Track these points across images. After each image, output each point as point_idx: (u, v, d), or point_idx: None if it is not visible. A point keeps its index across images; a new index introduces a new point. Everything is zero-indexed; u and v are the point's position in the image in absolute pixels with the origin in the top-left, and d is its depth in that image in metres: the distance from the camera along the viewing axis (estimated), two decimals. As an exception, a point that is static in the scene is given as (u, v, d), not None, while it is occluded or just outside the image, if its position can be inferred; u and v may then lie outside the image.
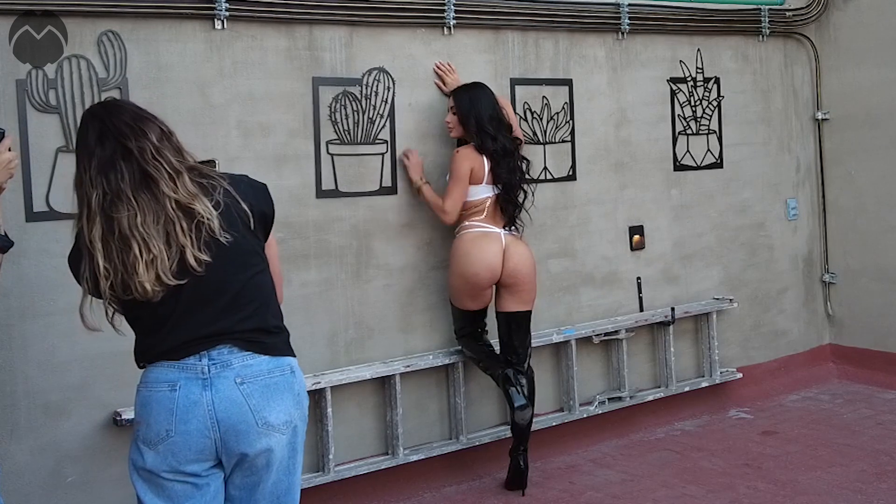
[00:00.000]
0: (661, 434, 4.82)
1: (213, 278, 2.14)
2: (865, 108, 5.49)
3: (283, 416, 2.20)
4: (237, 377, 2.16)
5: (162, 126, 2.22)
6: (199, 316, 2.16)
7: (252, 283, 2.21)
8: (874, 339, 5.55)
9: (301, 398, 2.27)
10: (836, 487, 3.98)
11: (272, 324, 2.26)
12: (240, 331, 2.19)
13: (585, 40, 4.71)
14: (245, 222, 2.20)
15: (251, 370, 2.18)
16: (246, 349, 2.19)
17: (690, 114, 5.14)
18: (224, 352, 2.17)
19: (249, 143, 3.74)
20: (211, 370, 2.15)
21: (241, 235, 2.19)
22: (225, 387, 2.15)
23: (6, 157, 2.42)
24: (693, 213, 5.15)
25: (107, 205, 2.10)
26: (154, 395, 2.16)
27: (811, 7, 5.59)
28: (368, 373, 3.95)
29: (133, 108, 2.24)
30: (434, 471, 4.18)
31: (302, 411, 2.27)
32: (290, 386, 2.23)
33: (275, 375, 2.21)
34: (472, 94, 3.98)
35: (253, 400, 2.16)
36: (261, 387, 2.18)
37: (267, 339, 2.23)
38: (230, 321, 2.18)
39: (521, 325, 4.03)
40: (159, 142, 2.16)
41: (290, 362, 2.27)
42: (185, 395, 2.13)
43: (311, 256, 3.89)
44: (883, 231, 5.46)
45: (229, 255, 2.15)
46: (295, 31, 3.85)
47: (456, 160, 3.95)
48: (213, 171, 2.25)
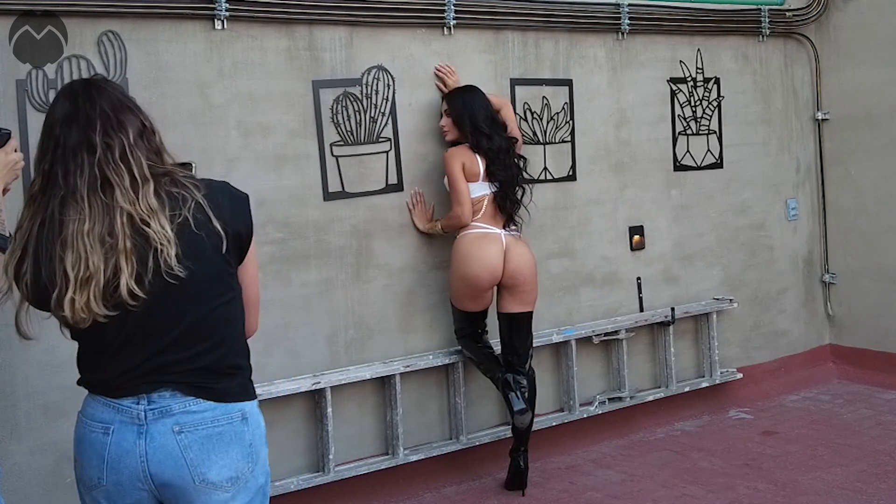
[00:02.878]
0: (661, 434, 4.82)
1: (164, 309, 1.88)
2: (865, 108, 5.49)
3: (226, 472, 1.92)
4: (176, 425, 1.89)
5: (144, 120, 1.96)
6: (143, 349, 1.89)
7: (212, 316, 1.93)
8: (874, 339, 5.55)
9: (254, 449, 1.97)
10: (836, 487, 3.98)
11: (229, 364, 1.97)
12: (185, 371, 1.91)
13: (585, 40, 4.71)
14: (215, 245, 1.90)
15: (192, 418, 1.90)
16: (189, 394, 1.91)
17: (690, 114, 5.14)
18: (165, 395, 1.90)
19: (249, 143, 3.74)
20: (148, 416, 1.89)
21: (207, 261, 1.90)
22: (161, 436, 1.89)
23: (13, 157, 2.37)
24: (693, 214, 5.15)
25: (58, 202, 1.86)
26: (88, 434, 1.95)
27: (811, 7, 5.59)
28: (368, 373, 3.95)
29: (116, 95, 1.96)
30: (434, 471, 4.18)
31: (255, 464, 1.97)
32: (238, 437, 1.94)
33: (220, 425, 1.92)
34: (465, 96, 4.00)
35: (191, 453, 1.89)
36: (201, 438, 1.90)
37: (217, 382, 1.94)
38: (176, 360, 1.91)
39: (523, 326, 4.03)
40: (135, 139, 1.90)
41: (243, 408, 1.97)
42: (117, 443, 1.90)
43: (311, 256, 3.89)
44: (883, 231, 5.46)
45: (186, 285, 1.87)
46: (295, 32, 3.85)
47: (447, 160, 3.97)
48: (190, 178, 1.95)
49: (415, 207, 4.12)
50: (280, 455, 3.81)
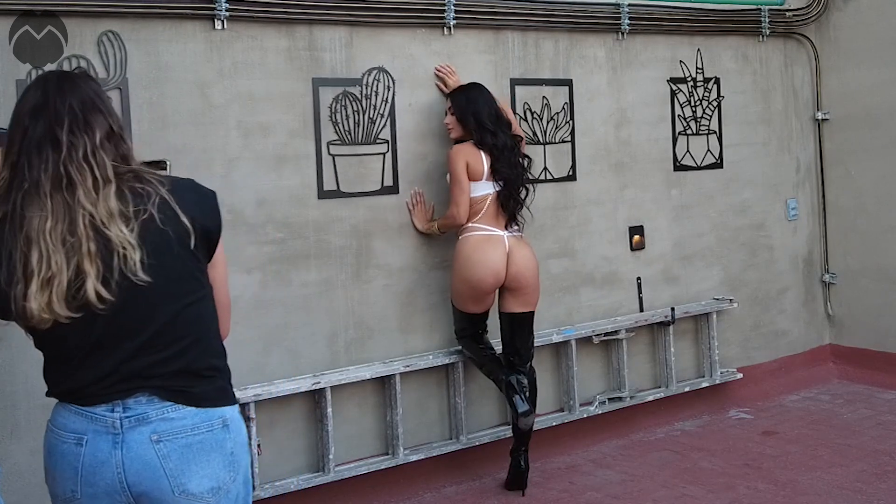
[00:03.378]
0: (661, 434, 4.82)
1: (133, 310, 1.81)
2: (865, 108, 5.49)
3: (207, 483, 1.85)
4: (154, 433, 1.82)
5: (113, 123, 1.90)
6: (113, 353, 1.82)
7: (185, 314, 1.87)
8: (874, 339, 5.55)
9: (236, 458, 1.90)
10: (836, 487, 3.98)
11: (206, 365, 1.91)
12: (161, 375, 1.84)
13: (585, 40, 4.71)
14: (182, 240, 1.84)
15: (171, 425, 1.83)
16: (167, 399, 1.84)
17: (690, 114, 5.14)
18: (142, 401, 1.83)
19: (249, 143, 3.74)
20: (124, 424, 1.81)
21: (174, 258, 1.84)
22: (138, 445, 1.81)
23: None
24: (693, 214, 5.15)
25: (21, 196, 1.79)
26: (59, 445, 1.86)
27: (811, 7, 5.59)
28: (368, 373, 3.95)
29: (89, 93, 1.89)
30: (434, 471, 4.18)
31: (236, 473, 1.91)
32: (219, 445, 1.87)
33: (200, 432, 1.85)
34: (469, 93, 3.99)
35: (170, 463, 1.82)
36: (181, 447, 1.83)
37: (196, 385, 1.88)
38: (151, 362, 1.83)
39: (524, 326, 4.02)
40: (101, 141, 1.85)
41: (224, 414, 1.90)
42: (91, 453, 1.82)
43: (311, 256, 3.89)
44: (883, 231, 5.46)
45: (155, 284, 1.81)
46: (295, 32, 3.85)
47: (451, 158, 3.95)
48: (155, 175, 1.90)
49: (414, 208, 4.12)
50: (280, 455, 3.81)
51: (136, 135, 3.47)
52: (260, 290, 3.76)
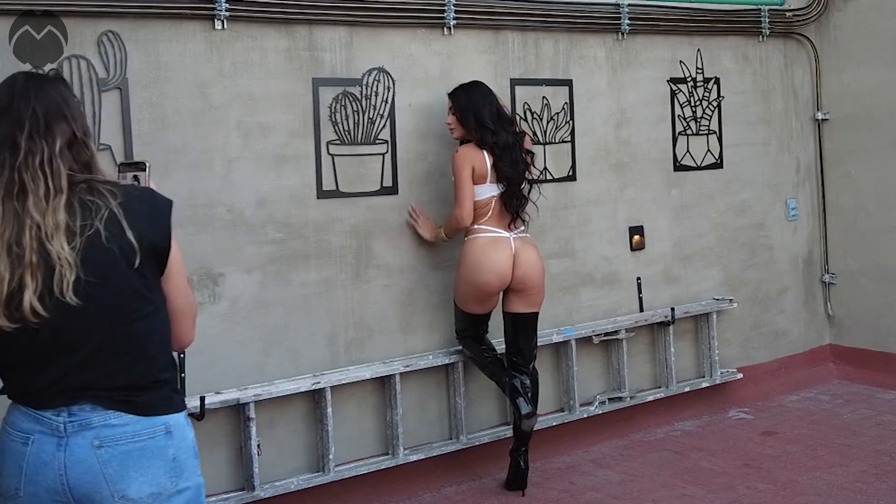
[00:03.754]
0: (661, 434, 4.82)
1: (75, 326, 1.82)
2: (865, 108, 5.49)
3: (147, 489, 1.87)
4: (96, 439, 1.85)
5: (76, 129, 1.88)
6: (58, 365, 1.85)
7: (129, 332, 1.88)
8: (874, 339, 5.55)
9: (179, 463, 1.92)
10: (836, 488, 3.98)
11: (151, 379, 1.91)
12: (104, 387, 1.86)
13: (585, 40, 4.71)
14: (128, 259, 1.83)
15: (112, 432, 1.86)
16: (110, 407, 1.87)
17: (690, 114, 5.14)
18: (86, 408, 1.86)
19: (249, 143, 3.74)
20: (68, 428, 1.85)
21: (119, 276, 1.84)
22: (80, 449, 1.84)
23: None
24: (693, 214, 5.15)
25: None
26: (8, 443, 1.90)
27: (811, 7, 5.59)
28: (368, 373, 3.95)
29: (55, 99, 1.88)
30: (434, 471, 4.18)
31: (178, 478, 1.92)
32: (160, 451, 1.89)
33: (141, 439, 1.88)
34: (469, 92, 3.97)
35: (110, 469, 1.85)
36: (121, 453, 1.86)
37: (139, 396, 1.89)
38: (93, 376, 1.85)
39: (528, 326, 4.02)
40: (61, 149, 1.84)
41: (167, 422, 1.92)
42: (36, 453, 1.86)
43: (311, 256, 3.89)
44: (883, 231, 5.46)
45: (94, 303, 1.81)
46: (295, 32, 3.85)
47: (456, 161, 3.92)
48: (110, 185, 1.87)
49: (417, 220, 4.10)
50: (280, 455, 3.81)
51: (136, 135, 3.47)
52: (260, 290, 3.76)
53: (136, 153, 3.47)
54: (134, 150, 3.47)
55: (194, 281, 3.59)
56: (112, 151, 3.42)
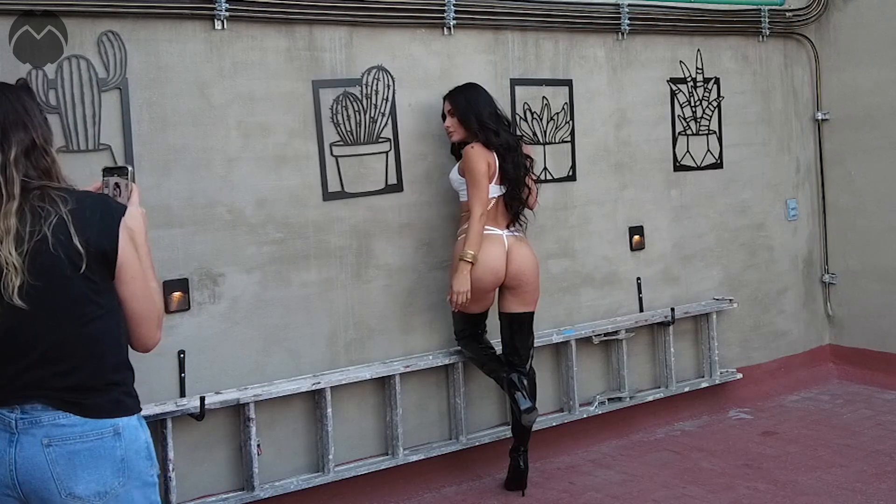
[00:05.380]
0: (660, 434, 4.82)
1: (23, 329, 1.90)
2: (865, 108, 5.49)
3: (94, 487, 1.93)
4: (45, 437, 1.92)
5: (36, 137, 1.95)
6: (12, 364, 1.92)
7: (77, 335, 1.93)
8: (874, 339, 5.55)
9: (128, 463, 1.97)
10: (835, 488, 3.98)
11: (101, 381, 1.96)
12: (53, 388, 1.92)
13: (585, 41, 4.71)
14: (74, 264, 1.89)
15: (61, 432, 1.92)
16: (59, 408, 1.93)
17: (690, 114, 5.14)
18: (37, 408, 1.92)
19: (249, 143, 3.74)
20: (19, 425, 1.92)
21: (65, 281, 1.90)
22: (30, 446, 1.91)
23: None
24: (693, 214, 5.15)
25: None
26: None
27: (811, 7, 5.59)
28: (368, 373, 3.95)
29: (15, 107, 1.95)
30: (434, 471, 4.18)
31: (128, 477, 1.97)
32: (108, 452, 1.94)
33: (88, 440, 1.93)
34: (468, 94, 3.96)
35: (57, 467, 1.91)
36: (68, 452, 1.92)
37: (88, 398, 1.94)
38: (42, 377, 1.92)
39: (524, 326, 4.02)
40: (16, 157, 1.90)
41: (116, 424, 1.97)
42: None
43: (311, 256, 3.89)
44: (883, 231, 5.46)
45: (41, 307, 1.88)
46: (295, 32, 3.85)
47: (473, 158, 3.84)
48: (62, 192, 1.93)
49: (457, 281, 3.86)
50: (280, 455, 3.81)
51: (136, 135, 3.47)
52: (260, 290, 3.76)
53: (136, 153, 3.47)
54: (134, 151, 3.46)
55: (195, 281, 3.59)
56: (112, 151, 3.42)
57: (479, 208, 3.84)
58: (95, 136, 3.39)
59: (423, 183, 4.18)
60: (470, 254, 3.81)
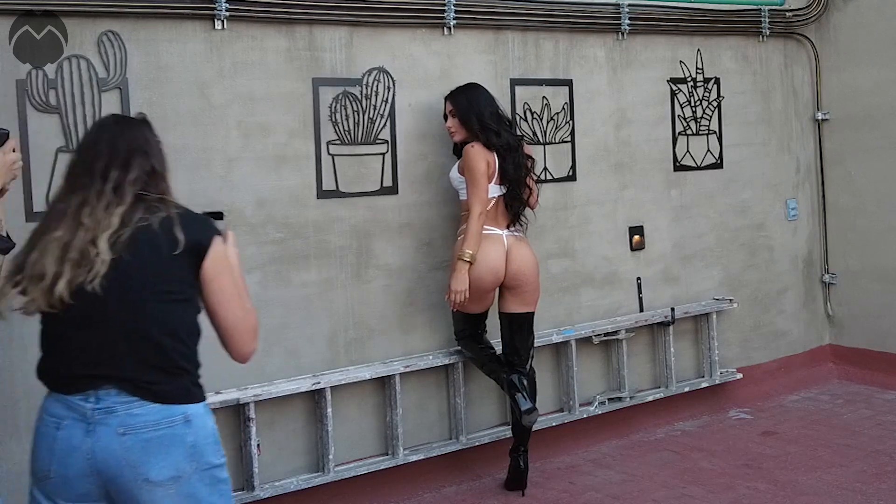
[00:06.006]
0: (660, 434, 4.82)
1: (97, 316, 2.06)
2: (865, 108, 5.49)
3: (167, 472, 2.05)
4: (120, 426, 2.04)
5: (156, 164, 2.19)
6: (86, 352, 2.07)
7: (153, 313, 2.08)
8: (874, 339, 5.55)
9: (198, 449, 2.10)
10: (835, 488, 3.98)
11: (172, 365, 2.10)
12: (126, 372, 2.06)
13: (585, 41, 4.71)
14: (171, 245, 2.09)
15: (136, 420, 2.04)
16: (133, 393, 2.05)
17: (690, 114, 5.14)
18: (112, 393, 2.05)
19: (249, 143, 3.74)
20: (96, 414, 2.04)
21: (158, 258, 2.08)
22: (106, 436, 2.03)
23: (10, 158, 2.40)
24: (693, 214, 5.15)
25: (53, 209, 2.15)
26: (41, 428, 2.11)
27: (811, 7, 5.59)
28: (368, 373, 3.95)
29: (140, 137, 2.20)
30: (434, 471, 4.18)
31: (198, 461, 2.10)
32: (179, 439, 2.07)
33: (161, 428, 2.06)
34: (469, 94, 3.96)
35: (133, 455, 2.03)
36: (142, 440, 2.04)
37: (160, 382, 2.08)
38: (116, 361, 2.06)
39: (524, 326, 4.02)
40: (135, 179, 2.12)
41: (186, 411, 2.10)
42: (66, 438, 2.05)
43: (311, 256, 3.89)
44: (883, 231, 5.46)
45: (127, 283, 2.06)
46: (295, 32, 3.85)
47: (473, 157, 3.85)
48: (176, 204, 2.18)
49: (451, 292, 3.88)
50: (280, 455, 3.81)
51: (136, 135, 3.47)
52: (260, 290, 3.75)
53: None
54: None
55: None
56: (112, 151, 3.42)
57: (479, 207, 3.84)
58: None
59: (423, 183, 4.18)
60: (468, 253, 3.81)
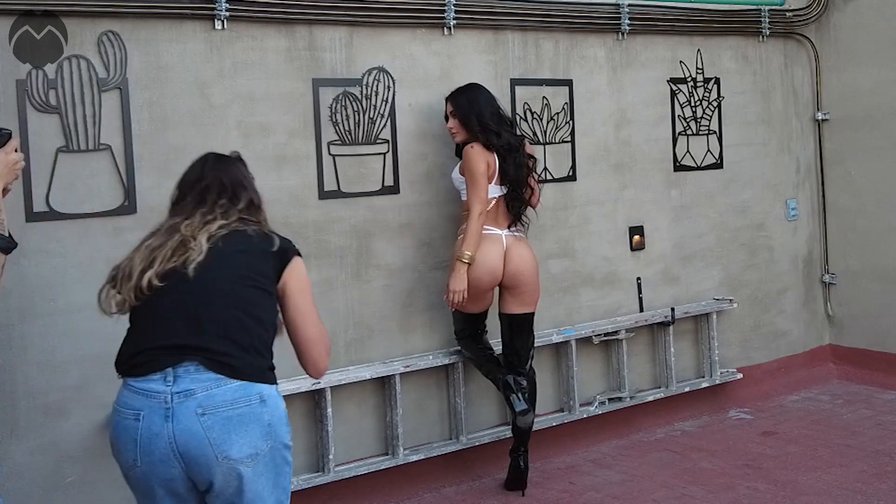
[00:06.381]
0: (661, 434, 4.82)
1: (189, 298, 2.23)
2: (865, 108, 5.49)
3: (246, 450, 2.17)
4: (199, 407, 2.14)
5: (254, 198, 2.48)
6: (172, 319, 2.23)
7: (240, 297, 2.27)
8: (874, 339, 5.55)
9: (273, 427, 2.23)
10: (836, 488, 3.98)
11: (250, 344, 2.26)
12: (210, 341, 2.20)
13: (585, 41, 4.71)
14: (264, 242, 2.36)
15: (214, 400, 2.15)
16: (211, 369, 2.18)
17: (690, 114, 5.14)
18: (190, 370, 2.17)
19: (249, 143, 3.74)
20: (174, 399, 2.14)
21: (252, 250, 2.33)
22: (186, 418, 2.14)
23: (12, 157, 2.39)
24: (693, 214, 5.15)
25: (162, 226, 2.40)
26: (121, 421, 2.21)
27: (811, 7, 5.59)
28: (368, 373, 3.95)
29: (237, 174, 2.49)
30: (434, 471, 4.18)
31: (274, 440, 2.23)
32: (257, 417, 2.19)
33: (239, 406, 2.18)
34: (470, 94, 3.96)
35: (213, 433, 2.14)
36: (222, 419, 2.15)
37: (238, 357, 2.22)
38: (203, 329, 2.21)
39: (524, 327, 4.01)
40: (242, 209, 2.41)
41: (262, 391, 2.23)
42: (147, 427, 2.15)
43: (311, 257, 3.88)
44: (883, 231, 5.46)
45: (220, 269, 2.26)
46: (295, 32, 3.85)
47: (472, 158, 3.85)
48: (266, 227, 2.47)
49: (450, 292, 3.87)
50: (280, 455, 3.80)
51: (136, 135, 3.47)
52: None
53: (136, 153, 3.47)
54: (134, 150, 3.47)
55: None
56: (112, 151, 3.42)
57: (478, 207, 3.84)
58: (96, 136, 3.40)
59: (423, 183, 4.18)
60: (467, 254, 3.81)
